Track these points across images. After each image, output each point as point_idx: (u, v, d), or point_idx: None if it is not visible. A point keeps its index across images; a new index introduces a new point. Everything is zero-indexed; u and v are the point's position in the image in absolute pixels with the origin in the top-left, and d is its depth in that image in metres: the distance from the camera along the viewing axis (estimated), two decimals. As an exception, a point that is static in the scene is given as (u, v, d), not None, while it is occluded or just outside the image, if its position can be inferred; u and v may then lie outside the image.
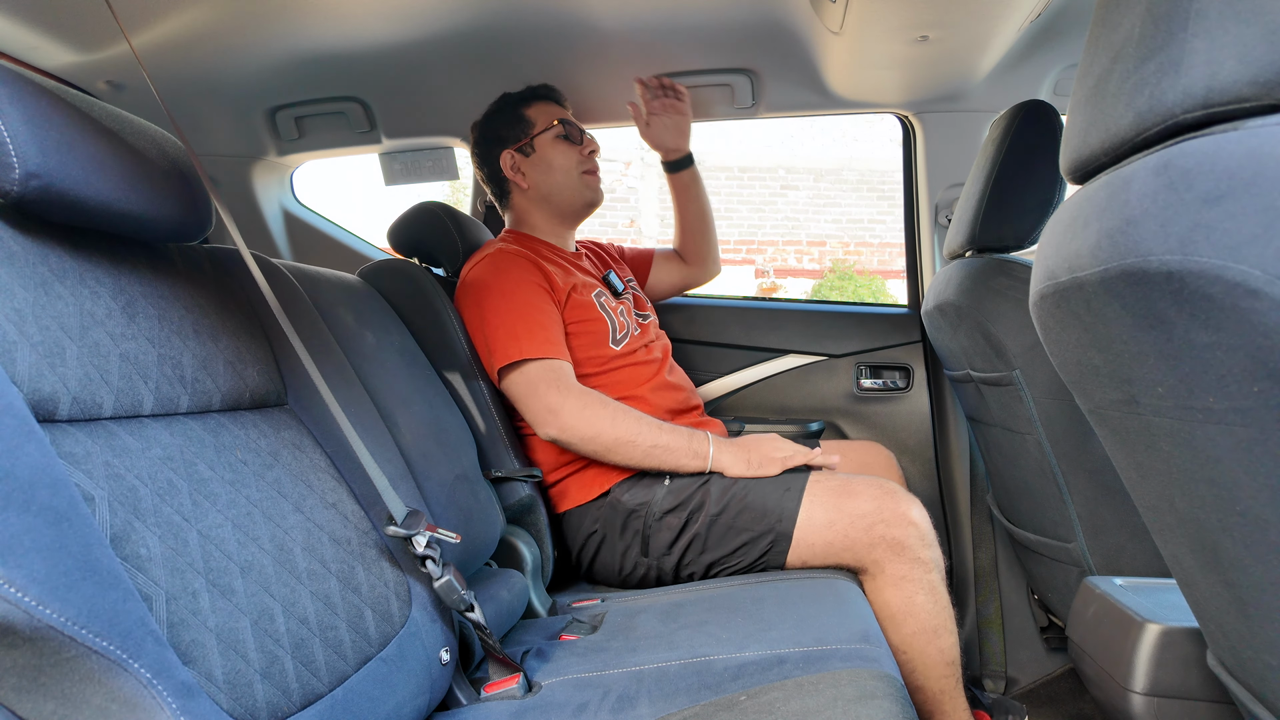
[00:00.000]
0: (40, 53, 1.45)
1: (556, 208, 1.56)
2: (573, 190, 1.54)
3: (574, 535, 1.41)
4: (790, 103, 1.79)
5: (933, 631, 1.19)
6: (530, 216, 1.57)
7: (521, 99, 1.56)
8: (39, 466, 0.51)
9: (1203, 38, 0.38)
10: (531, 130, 1.53)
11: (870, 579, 1.23)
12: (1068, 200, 0.53)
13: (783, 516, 1.26)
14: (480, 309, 1.38)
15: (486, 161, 1.58)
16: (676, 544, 1.31)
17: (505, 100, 1.57)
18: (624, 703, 0.86)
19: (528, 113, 1.54)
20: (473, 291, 1.41)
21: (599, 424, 1.29)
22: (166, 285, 0.76)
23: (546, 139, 1.53)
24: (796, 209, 7.80)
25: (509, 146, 1.54)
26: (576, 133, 1.56)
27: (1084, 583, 0.93)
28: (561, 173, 1.53)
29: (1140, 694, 0.75)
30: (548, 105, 1.56)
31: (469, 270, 1.45)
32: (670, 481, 1.34)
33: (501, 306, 1.36)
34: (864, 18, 1.31)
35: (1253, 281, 0.35)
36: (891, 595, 1.20)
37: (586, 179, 1.55)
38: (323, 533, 0.79)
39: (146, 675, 0.53)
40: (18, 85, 0.62)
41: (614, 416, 1.30)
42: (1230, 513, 0.45)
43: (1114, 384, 0.51)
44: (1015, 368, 1.22)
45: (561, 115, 1.55)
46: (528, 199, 1.56)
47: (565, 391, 1.30)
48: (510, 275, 1.39)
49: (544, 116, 1.54)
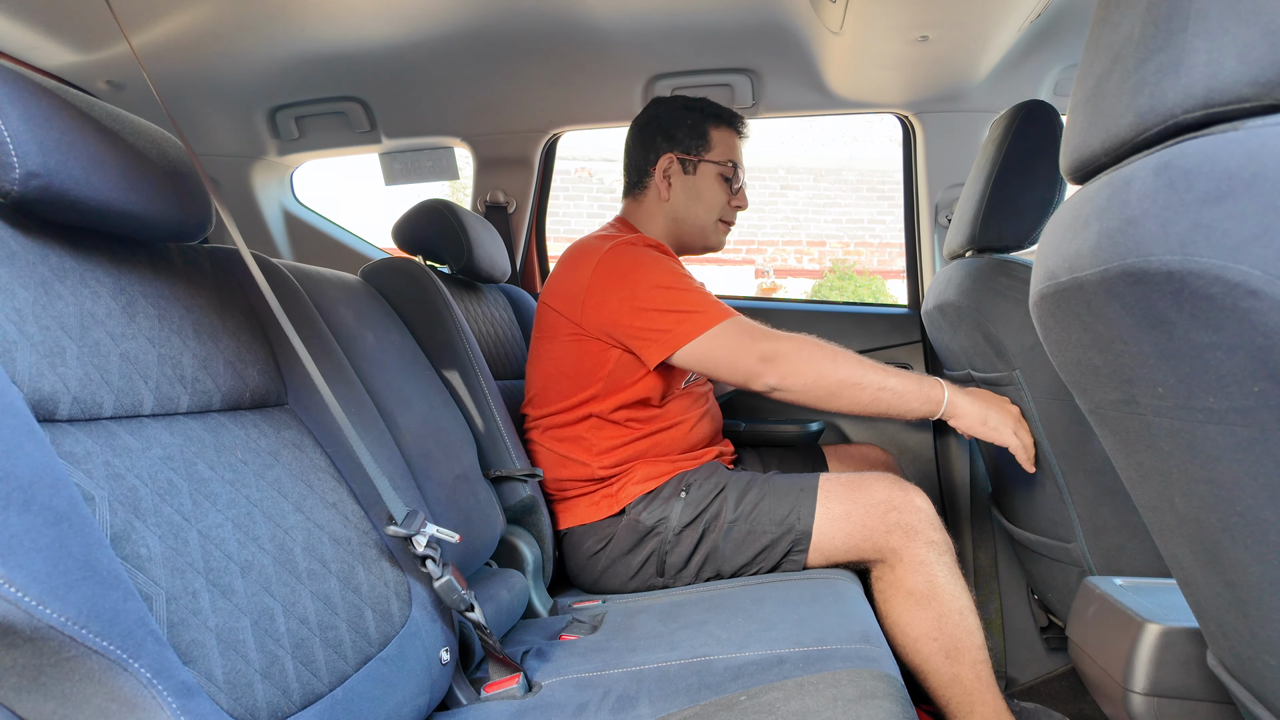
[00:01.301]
0: (40, 53, 1.45)
1: (680, 234, 1.49)
2: (705, 230, 1.49)
3: (576, 552, 1.37)
4: (790, 103, 1.79)
5: (959, 612, 1.19)
6: (652, 222, 1.49)
7: (714, 115, 1.48)
8: (39, 466, 0.51)
9: (1203, 38, 0.38)
10: (705, 152, 1.46)
11: (889, 569, 1.23)
12: (1068, 200, 0.53)
13: (801, 515, 1.26)
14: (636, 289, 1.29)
15: (643, 148, 1.48)
16: (693, 559, 1.30)
17: (696, 104, 1.48)
18: (624, 703, 0.86)
19: (712, 132, 1.46)
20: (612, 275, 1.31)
21: (821, 365, 1.22)
22: (166, 285, 0.76)
23: (712, 170, 1.46)
24: (796, 209, 7.80)
25: (676, 151, 1.45)
26: (740, 183, 1.49)
27: (1084, 583, 0.93)
28: (705, 209, 1.47)
29: (1140, 694, 0.75)
30: (730, 134, 1.48)
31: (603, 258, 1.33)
32: (687, 494, 1.32)
33: (665, 284, 1.29)
34: (864, 18, 1.32)
35: (1253, 281, 0.35)
36: (915, 580, 1.20)
37: (721, 226, 1.50)
38: (323, 532, 0.79)
39: (147, 675, 0.53)
40: (18, 85, 0.62)
41: (835, 358, 1.23)
42: (1230, 513, 0.45)
43: (1114, 384, 0.51)
44: (1015, 368, 1.22)
45: (736, 158, 1.48)
46: (661, 208, 1.48)
47: (773, 336, 1.24)
48: (652, 257, 1.33)
49: (723, 146, 1.47)
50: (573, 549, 1.38)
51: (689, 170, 1.46)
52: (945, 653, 1.18)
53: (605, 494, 1.36)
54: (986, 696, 1.18)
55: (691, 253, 1.54)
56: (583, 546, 1.36)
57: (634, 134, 1.51)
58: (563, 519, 1.40)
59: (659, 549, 1.31)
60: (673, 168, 1.46)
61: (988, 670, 1.19)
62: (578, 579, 1.40)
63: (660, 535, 1.31)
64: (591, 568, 1.36)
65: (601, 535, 1.34)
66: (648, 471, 1.36)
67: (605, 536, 1.34)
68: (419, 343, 1.33)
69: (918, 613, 1.19)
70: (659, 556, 1.31)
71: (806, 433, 1.83)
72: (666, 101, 1.50)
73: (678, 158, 1.45)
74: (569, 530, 1.38)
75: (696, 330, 1.25)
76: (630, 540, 1.32)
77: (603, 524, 1.35)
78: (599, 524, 1.35)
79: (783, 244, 7.76)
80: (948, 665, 1.18)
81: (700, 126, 1.46)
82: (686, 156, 1.45)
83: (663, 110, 1.48)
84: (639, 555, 1.32)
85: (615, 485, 1.36)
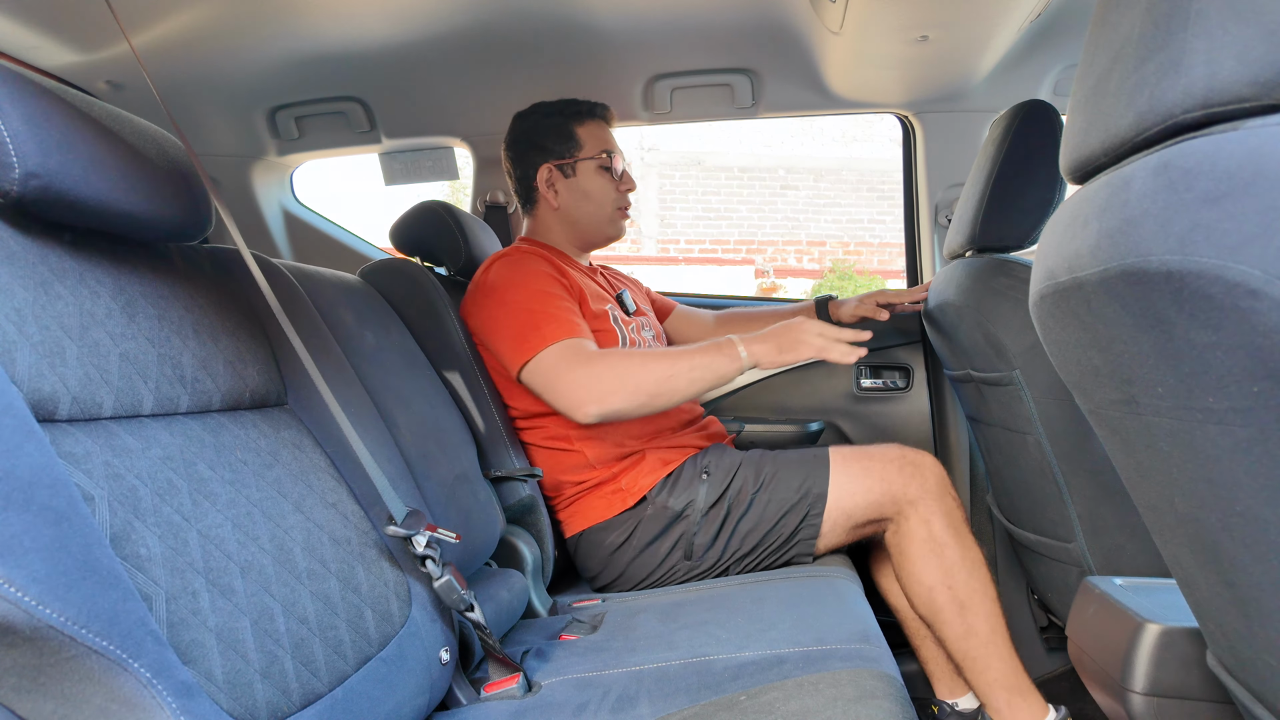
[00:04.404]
0: (40, 53, 1.45)
1: (580, 233, 1.52)
2: (602, 223, 1.51)
3: (596, 550, 1.36)
4: (790, 103, 1.79)
5: (973, 563, 1.22)
6: (551, 232, 1.53)
7: (576, 113, 1.50)
8: (39, 466, 0.51)
9: (1203, 38, 0.38)
10: (577, 152, 1.48)
11: (905, 520, 1.26)
12: (1068, 200, 0.53)
13: (815, 479, 1.30)
14: (493, 310, 1.35)
15: (520, 163, 1.51)
16: (719, 537, 1.31)
17: (555, 109, 1.51)
18: (624, 703, 0.86)
19: (578, 131, 1.49)
20: (485, 294, 1.37)
21: (634, 375, 1.21)
22: (166, 285, 0.76)
23: (590, 166, 1.48)
24: (796, 209, 7.80)
25: (550, 160, 1.48)
26: (620, 166, 1.51)
27: (1084, 583, 0.93)
28: (596, 205, 1.49)
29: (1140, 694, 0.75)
30: (598, 127, 1.51)
31: (483, 274, 1.41)
32: (709, 476, 1.33)
33: (514, 303, 1.32)
34: (864, 18, 1.32)
35: (1253, 281, 0.35)
36: (928, 529, 1.24)
37: (618, 214, 1.52)
38: (323, 532, 0.79)
39: (146, 675, 0.53)
40: (18, 85, 0.62)
41: (644, 362, 1.23)
42: (1230, 513, 0.45)
43: (1114, 384, 0.51)
44: (1015, 368, 1.22)
45: (609, 146, 1.50)
46: (555, 217, 1.51)
47: (588, 361, 1.23)
48: (528, 272, 1.35)
49: (593, 141, 1.49)
50: (592, 548, 1.36)
51: (569, 173, 1.49)
52: (959, 604, 1.21)
53: (613, 488, 1.35)
54: (1003, 651, 1.20)
55: (596, 247, 1.57)
56: (604, 544, 1.35)
57: (508, 156, 1.54)
58: (573, 523, 1.38)
59: (686, 531, 1.32)
60: (553, 175, 1.49)
61: (1002, 625, 1.21)
62: (598, 578, 1.38)
63: (688, 518, 1.32)
64: (616, 562, 1.34)
65: (623, 529, 1.33)
66: (658, 458, 1.36)
67: (628, 529, 1.33)
68: (419, 343, 1.33)
69: (931, 560, 1.22)
70: (686, 540, 1.32)
71: (806, 433, 1.84)
72: (528, 114, 1.53)
73: (554, 165, 1.48)
74: (584, 532, 1.37)
75: (529, 352, 1.28)
76: (656, 528, 1.32)
77: (621, 518, 1.34)
78: (617, 519, 1.34)
79: (783, 244, 7.76)
80: (961, 618, 1.20)
81: (565, 129, 1.49)
82: (562, 161, 1.48)
83: (527, 124, 1.52)
84: (666, 542, 1.32)
85: (623, 478, 1.35)
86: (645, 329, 1.55)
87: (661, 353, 1.26)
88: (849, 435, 1.89)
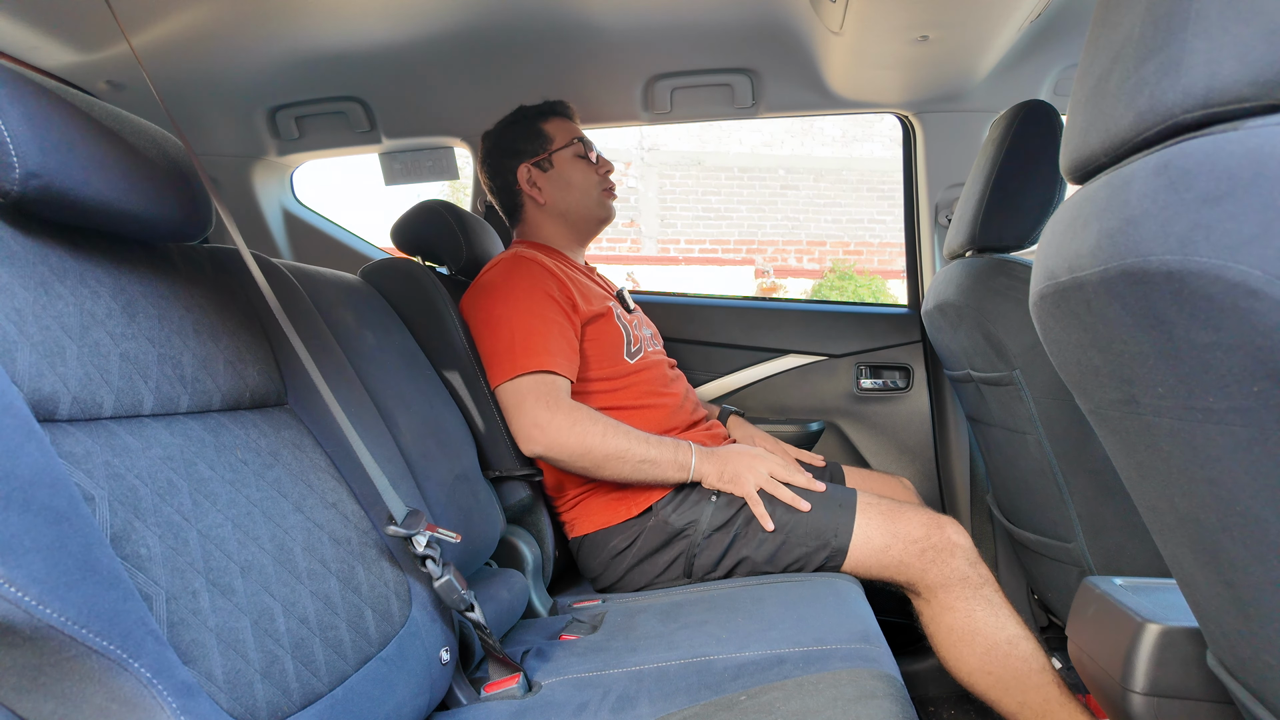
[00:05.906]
0: (40, 53, 1.45)
1: (573, 224, 1.54)
2: (591, 207, 1.54)
3: (599, 552, 1.36)
4: (790, 103, 1.79)
5: (1007, 642, 1.18)
6: (544, 230, 1.55)
7: (539, 114, 1.55)
8: (39, 466, 0.51)
9: (1203, 38, 0.38)
10: (550, 146, 1.52)
11: (927, 604, 1.24)
12: (1068, 200, 0.53)
13: (838, 531, 1.26)
14: (487, 315, 1.36)
15: (499, 173, 1.55)
16: (723, 562, 1.29)
17: (521, 114, 1.56)
18: (624, 702, 0.86)
19: (545, 128, 1.53)
20: (483, 295, 1.39)
21: (590, 439, 1.25)
22: (166, 285, 0.76)
23: (565, 156, 1.52)
24: (796, 209, 7.81)
25: (526, 160, 1.52)
26: (594, 152, 1.55)
27: (1084, 583, 0.93)
28: (580, 190, 1.52)
29: (1140, 694, 0.75)
30: (564, 122, 1.55)
31: (485, 275, 1.42)
32: (717, 497, 1.31)
33: (506, 316, 1.33)
34: (864, 18, 1.32)
35: (1253, 281, 0.35)
36: (953, 618, 1.20)
37: (604, 195, 1.55)
38: (323, 532, 0.79)
39: (146, 675, 0.53)
40: (18, 85, 0.62)
41: (605, 432, 1.26)
42: (1230, 513, 0.45)
43: (1114, 384, 0.51)
44: (1015, 368, 1.22)
45: (577, 133, 1.54)
46: (543, 213, 1.54)
47: (555, 407, 1.26)
48: (523, 282, 1.36)
49: (562, 133, 1.53)
50: (594, 550, 1.36)
51: (546, 167, 1.52)
52: (1003, 685, 1.17)
53: (619, 496, 1.34)
54: (1061, 716, 1.15)
55: (592, 234, 1.59)
56: (606, 547, 1.35)
57: (485, 173, 1.59)
58: (578, 525, 1.38)
59: (687, 550, 1.30)
60: (533, 174, 1.52)
61: (1056, 692, 1.16)
62: (599, 580, 1.38)
63: (689, 538, 1.30)
64: (616, 566, 1.34)
65: (628, 534, 1.33)
66: None
67: (631, 535, 1.33)
68: (419, 343, 1.33)
69: (963, 649, 1.19)
70: (687, 558, 1.30)
71: (806, 432, 1.84)
72: (492, 132, 1.58)
73: (531, 164, 1.52)
74: (588, 535, 1.37)
75: (505, 374, 1.31)
76: (658, 540, 1.31)
77: (626, 524, 1.33)
78: (621, 525, 1.34)
79: (783, 244, 7.77)
80: (1009, 695, 1.17)
81: (533, 128, 1.53)
82: (538, 157, 1.52)
83: (495, 137, 1.57)
84: (666, 555, 1.31)
85: (630, 487, 1.34)
86: (643, 326, 1.56)
87: (624, 430, 1.28)
88: (849, 435, 1.89)
